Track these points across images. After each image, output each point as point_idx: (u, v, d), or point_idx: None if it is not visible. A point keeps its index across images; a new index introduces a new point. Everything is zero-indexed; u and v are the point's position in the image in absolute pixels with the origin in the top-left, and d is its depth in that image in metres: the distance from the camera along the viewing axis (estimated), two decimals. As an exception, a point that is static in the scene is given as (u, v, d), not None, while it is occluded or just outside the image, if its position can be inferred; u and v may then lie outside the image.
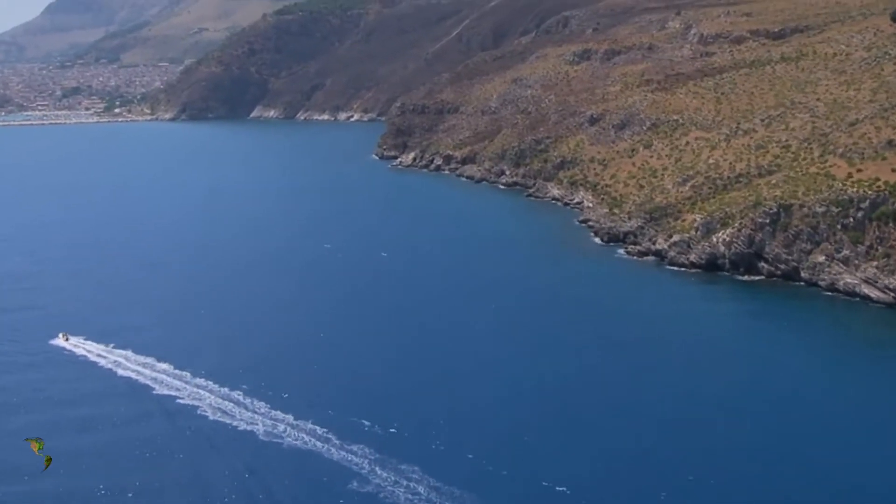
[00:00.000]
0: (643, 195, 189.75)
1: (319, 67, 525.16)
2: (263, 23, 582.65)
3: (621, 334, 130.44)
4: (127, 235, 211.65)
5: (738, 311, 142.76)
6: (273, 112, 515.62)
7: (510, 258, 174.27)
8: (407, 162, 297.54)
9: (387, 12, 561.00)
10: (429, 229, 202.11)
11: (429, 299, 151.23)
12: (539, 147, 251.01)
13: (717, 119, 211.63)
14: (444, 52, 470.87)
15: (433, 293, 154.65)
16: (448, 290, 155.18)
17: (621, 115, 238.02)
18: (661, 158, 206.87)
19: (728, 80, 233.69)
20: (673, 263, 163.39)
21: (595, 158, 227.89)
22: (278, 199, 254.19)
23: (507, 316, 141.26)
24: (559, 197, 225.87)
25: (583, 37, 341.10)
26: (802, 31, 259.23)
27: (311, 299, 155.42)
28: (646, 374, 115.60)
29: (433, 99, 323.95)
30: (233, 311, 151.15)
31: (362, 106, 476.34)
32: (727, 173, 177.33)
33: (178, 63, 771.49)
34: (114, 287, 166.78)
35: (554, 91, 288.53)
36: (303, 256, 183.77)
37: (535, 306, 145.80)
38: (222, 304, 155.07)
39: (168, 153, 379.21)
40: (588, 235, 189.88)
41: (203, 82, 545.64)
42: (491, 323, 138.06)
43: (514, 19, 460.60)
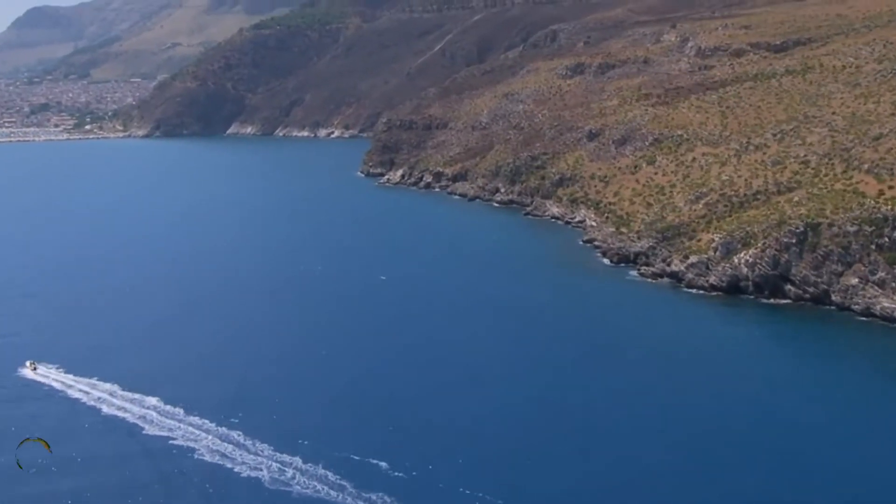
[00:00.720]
0: (652, 213, 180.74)
1: (298, 83, 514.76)
2: (240, 37, 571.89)
3: (643, 360, 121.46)
4: (101, 257, 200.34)
5: (766, 336, 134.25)
6: (250, 128, 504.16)
7: (516, 280, 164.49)
8: (395, 179, 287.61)
9: (367, 27, 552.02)
10: (427, 250, 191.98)
11: (436, 325, 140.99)
12: (535, 163, 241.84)
13: (725, 134, 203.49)
14: (427, 66, 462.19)
15: (439, 318, 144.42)
16: (455, 317, 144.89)
17: (621, 130, 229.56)
18: (667, 175, 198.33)
19: (732, 93, 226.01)
20: (691, 286, 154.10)
21: (596, 175, 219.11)
22: (262, 219, 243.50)
23: (520, 342, 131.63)
24: (559, 215, 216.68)
25: (574, 50, 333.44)
26: (805, 44, 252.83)
27: (307, 325, 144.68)
28: (669, 401, 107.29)
29: (421, 114, 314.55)
30: (219, 336, 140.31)
31: (343, 122, 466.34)
32: (743, 190, 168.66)
33: (150, 79, 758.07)
34: (85, 312, 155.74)
35: (547, 106, 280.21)
36: (294, 279, 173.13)
37: (548, 332, 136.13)
38: (206, 330, 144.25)
39: (143, 171, 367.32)
40: (595, 256, 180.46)
41: (178, 98, 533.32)
42: (505, 351, 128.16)
43: (499, 34, 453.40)
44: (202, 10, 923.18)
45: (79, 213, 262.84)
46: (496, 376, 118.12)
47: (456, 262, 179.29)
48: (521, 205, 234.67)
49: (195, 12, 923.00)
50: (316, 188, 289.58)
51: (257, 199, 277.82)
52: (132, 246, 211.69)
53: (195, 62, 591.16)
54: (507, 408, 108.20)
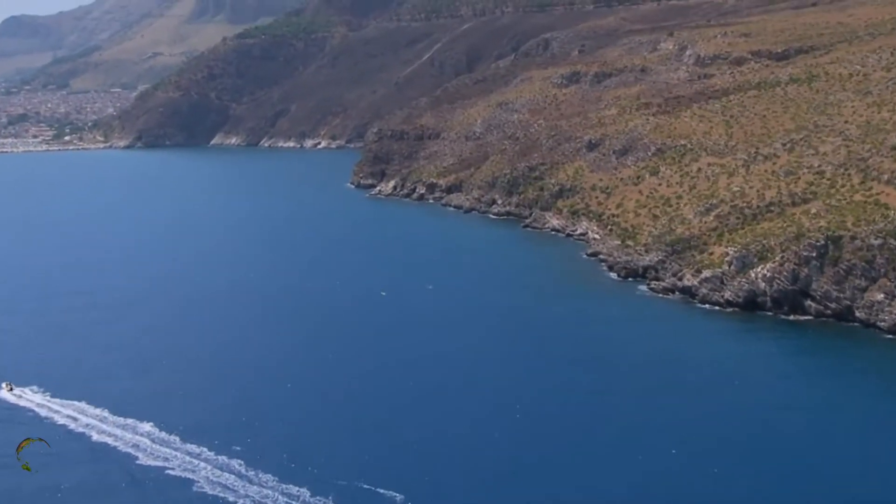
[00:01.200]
0: (660, 226, 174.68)
1: (283, 93, 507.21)
2: (224, 46, 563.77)
3: (659, 379, 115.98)
4: (83, 271, 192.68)
5: (787, 353, 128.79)
6: (235, 139, 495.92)
7: (522, 296, 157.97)
8: (387, 191, 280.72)
9: (353, 36, 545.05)
10: (426, 264, 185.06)
11: (442, 343, 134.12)
12: (533, 174, 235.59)
13: (731, 144, 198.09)
14: (416, 76, 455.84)
15: (445, 336, 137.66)
16: (462, 335, 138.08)
17: (622, 140, 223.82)
18: (672, 186, 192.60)
19: (736, 102, 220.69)
20: (705, 301, 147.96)
21: (597, 186, 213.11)
22: (252, 232, 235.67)
23: (532, 361, 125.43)
24: (560, 228, 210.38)
25: (569, 59, 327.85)
26: (807, 52, 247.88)
27: (307, 343, 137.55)
28: (689, 422, 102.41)
29: (412, 124, 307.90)
30: (214, 355, 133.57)
31: (330, 132, 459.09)
32: (756, 202, 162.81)
33: (131, 89, 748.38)
34: (66, 329, 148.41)
35: (542, 115, 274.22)
36: (290, 295, 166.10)
37: (560, 350, 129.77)
38: (200, 348, 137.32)
39: (126, 182, 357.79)
40: (601, 270, 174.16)
41: (160, 108, 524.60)
42: (516, 371, 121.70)
43: (489, 43, 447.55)
44: (184, 19, 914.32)
45: (58, 226, 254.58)
46: (507, 397, 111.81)
47: (458, 277, 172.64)
48: (518, 217, 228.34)
49: (177, 21, 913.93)
50: (306, 200, 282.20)
51: (246, 211, 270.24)
52: (117, 260, 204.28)
53: (178, 72, 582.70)
54: (520, 431, 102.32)
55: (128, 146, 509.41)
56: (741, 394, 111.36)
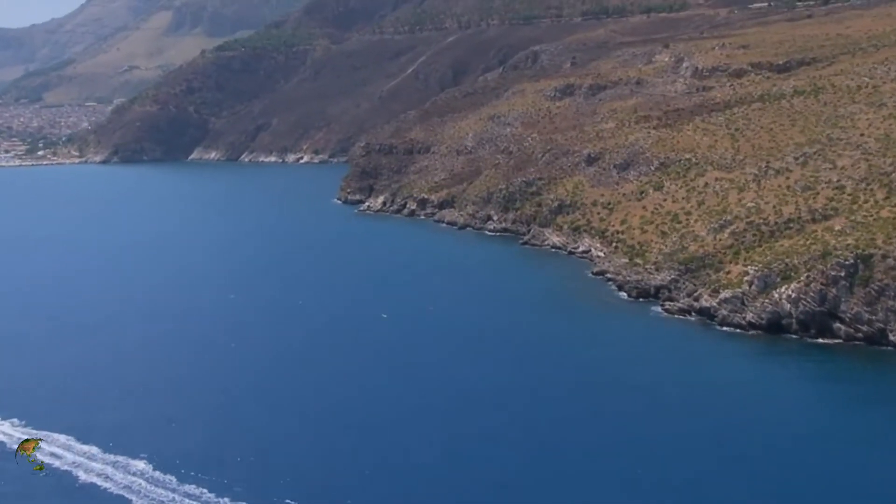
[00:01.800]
0: (670, 243, 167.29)
1: (264, 106, 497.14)
2: (202, 59, 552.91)
3: (681, 407, 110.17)
4: (58, 291, 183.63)
5: (815, 380, 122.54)
6: (214, 154, 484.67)
7: (530, 318, 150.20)
8: (376, 206, 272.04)
9: (335, 48, 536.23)
10: (425, 284, 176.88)
11: (451, 369, 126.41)
12: (530, 189, 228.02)
13: (738, 158, 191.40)
14: (400, 89, 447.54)
15: (453, 361, 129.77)
16: (472, 361, 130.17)
17: (623, 153, 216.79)
18: (678, 201, 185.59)
19: (740, 115, 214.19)
20: (725, 323, 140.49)
21: (598, 202, 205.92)
22: (239, 251, 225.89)
23: (546, 388, 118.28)
24: (560, 245, 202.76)
25: (561, 71, 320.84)
26: (809, 64, 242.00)
27: (310, 370, 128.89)
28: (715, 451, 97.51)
29: (401, 138, 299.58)
30: (208, 382, 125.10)
31: (313, 147, 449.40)
32: (773, 218, 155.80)
33: (106, 102, 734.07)
34: (43, 353, 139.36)
35: (536, 129, 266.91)
36: (286, 317, 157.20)
37: (575, 376, 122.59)
38: (191, 375, 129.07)
39: (101, 198, 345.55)
40: (610, 289, 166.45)
41: (137, 122, 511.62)
42: (531, 398, 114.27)
43: (474, 56, 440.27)
44: (160, 32, 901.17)
45: (30, 245, 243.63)
46: (523, 426, 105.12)
47: (459, 298, 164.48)
48: (516, 233, 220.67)
49: (153, 34, 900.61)
50: (292, 216, 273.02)
51: (229, 228, 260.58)
52: (97, 279, 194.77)
53: (155, 85, 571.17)
54: (537, 463, 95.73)
55: (104, 161, 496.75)
56: (769, 422, 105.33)
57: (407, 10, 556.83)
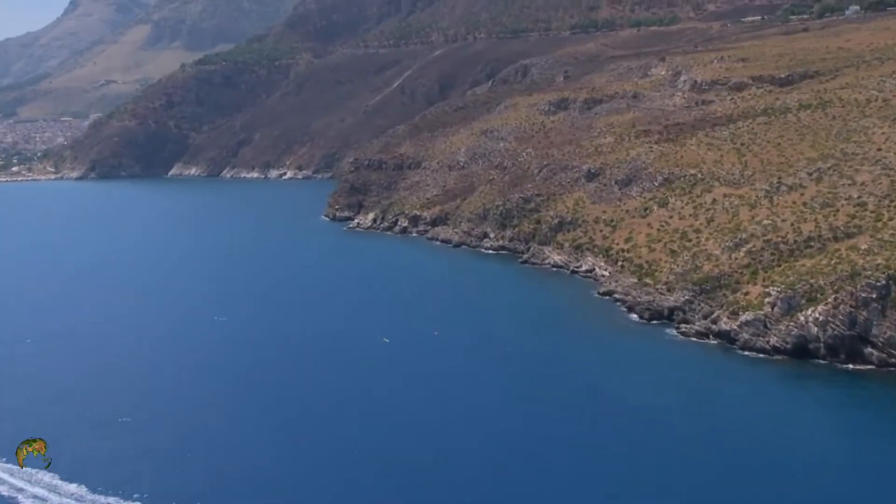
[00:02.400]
0: (682, 262, 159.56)
1: (246, 121, 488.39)
2: (182, 73, 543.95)
3: (706, 437, 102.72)
4: (27, 314, 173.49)
5: (847, 408, 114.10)
6: (195, 169, 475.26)
7: (539, 342, 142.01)
8: (366, 224, 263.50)
9: (319, 62, 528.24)
10: (425, 305, 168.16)
11: (462, 398, 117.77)
12: (528, 206, 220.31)
13: (746, 173, 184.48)
14: (386, 104, 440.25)
15: (464, 390, 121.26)
16: (482, 390, 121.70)
17: (625, 169, 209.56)
18: (685, 218, 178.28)
19: (745, 129, 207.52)
20: (747, 348, 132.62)
21: (600, 219, 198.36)
22: (227, 271, 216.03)
23: (562, 420, 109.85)
24: (562, 263, 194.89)
25: (554, 85, 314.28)
26: (812, 77, 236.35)
27: (309, 399, 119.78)
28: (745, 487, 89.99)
29: (390, 153, 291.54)
30: (198, 409, 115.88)
31: (296, 162, 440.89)
32: (791, 236, 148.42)
33: (82, 117, 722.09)
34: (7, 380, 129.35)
35: (531, 143, 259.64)
36: (281, 341, 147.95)
37: (591, 404, 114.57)
38: (179, 404, 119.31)
39: (77, 215, 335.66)
40: (620, 311, 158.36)
41: (115, 137, 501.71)
42: (548, 431, 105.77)
43: (461, 69, 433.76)
44: (138, 45, 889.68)
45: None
46: (541, 459, 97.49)
47: (463, 321, 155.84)
48: (513, 252, 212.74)
49: (131, 48, 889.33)
50: (279, 234, 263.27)
51: (214, 247, 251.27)
52: (73, 302, 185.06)
53: (133, 99, 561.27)
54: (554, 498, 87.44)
55: (80, 177, 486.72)
56: (799, 451, 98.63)
57: (392, 24, 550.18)
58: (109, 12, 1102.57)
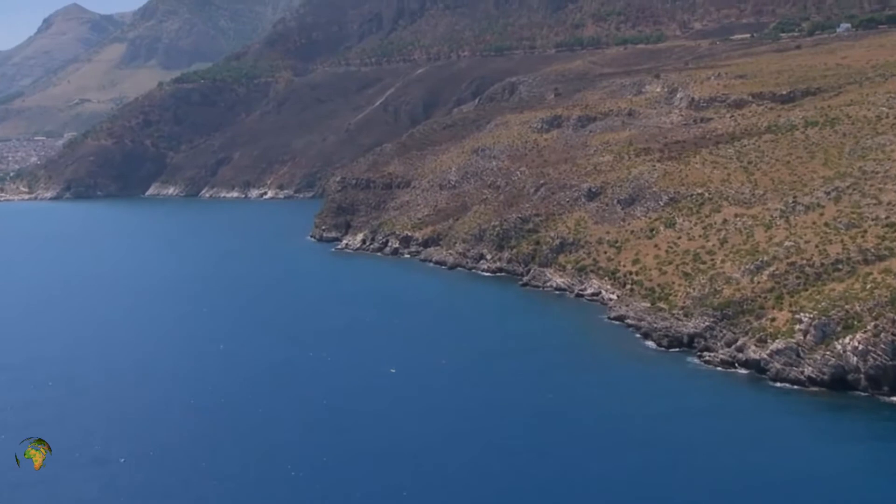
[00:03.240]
0: (699, 286, 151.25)
1: (225, 140, 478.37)
2: (160, 92, 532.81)
3: (748, 482, 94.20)
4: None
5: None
6: (173, 189, 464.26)
7: (555, 372, 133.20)
8: (355, 244, 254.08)
9: (299, 81, 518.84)
10: (428, 332, 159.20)
11: (482, 438, 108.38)
12: (526, 226, 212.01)
13: (757, 192, 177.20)
14: (369, 122, 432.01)
15: (483, 428, 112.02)
16: (502, 427, 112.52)
17: (627, 188, 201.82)
18: (695, 239, 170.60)
19: (751, 147, 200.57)
20: (779, 378, 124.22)
21: (604, 240, 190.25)
22: (209, 295, 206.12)
23: (594, 462, 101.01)
24: (565, 286, 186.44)
25: (545, 102, 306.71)
26: (814, 94, 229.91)
27: (318, 441, 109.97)
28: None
29: (379, 172, 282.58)
30: (191, 455, 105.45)
31: (277, 182, 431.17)
32: (817, 259, 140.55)
33: (56, 136, 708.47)
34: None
35: (524, 162, 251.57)
36: (280, 371, 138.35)
37: (621, 442, 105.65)
38: (172, 445, 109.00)
39: (52, 237, 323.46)
40: (635, 338, 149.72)
41: (91, 157, 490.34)
42: (583, 477, 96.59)
43: (446, 87, 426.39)
44: (113, 64, 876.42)
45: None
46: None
47: (470, 348, 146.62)
48: (512, 274, 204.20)
49: (106, 67, 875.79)
50: (265, 256, 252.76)
51: (197, 270, 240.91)
52: (37, 330, 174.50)
53: (110, 118, 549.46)
54: None
55: (55, 197, 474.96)
56: (848, 494, 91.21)
57: (373, 42, 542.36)
58: (84, 31, 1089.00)
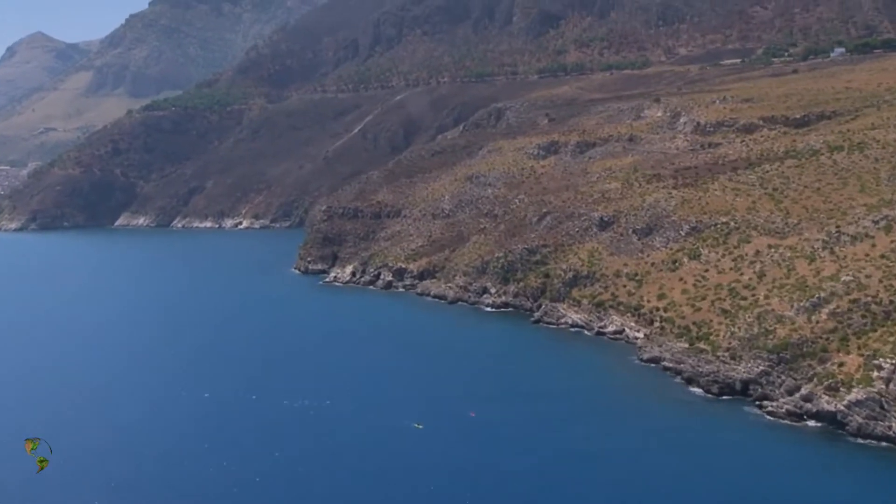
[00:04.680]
0: (744, 324, 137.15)
1: (198, 168, 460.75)
2: (129, 119, 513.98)
3: None
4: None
5: None
6: (143, 219, 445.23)
7: (599, 426, 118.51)
8: (344, 277, 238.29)
9: (273, 108, 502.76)
10: (443, 378, 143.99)
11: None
12: (533, 258, 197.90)
13: (791, 221, 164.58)
14: (347, 150, 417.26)
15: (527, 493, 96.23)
16: (555, 492, 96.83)
17: (643, 217, 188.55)
18: (726, 273, 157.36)
19: (774, 173, 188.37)
20: (862, 434, 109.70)
21: (622, 272, 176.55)
22: (190, 336, 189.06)
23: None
24: (582, 323, 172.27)
25: (538, 128, 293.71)
26: (830, 118, 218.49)
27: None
28: None
29: (367, 200, 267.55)
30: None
31: (252, 211, 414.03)
32: (884, 296, 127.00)
33: (20, 166, 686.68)
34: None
35: (522, 189, 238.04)
36: (290, 421, 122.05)
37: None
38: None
39: (13, 271, 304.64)
40: (675, 383, 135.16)
41: (58, 187, 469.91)
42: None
43: (426, 114, 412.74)
44: (80, 92, 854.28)
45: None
46: None
47: (499, 397, 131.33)
48: (520, 309, 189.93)
49: (71, 95, 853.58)
50: (250, 291, 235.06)
51: (175, 308, 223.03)
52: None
53: (77, 147, 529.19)
54: None
55: (19, 229, 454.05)
56: None
57: (350, 68, 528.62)
58: (48, 59, 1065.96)
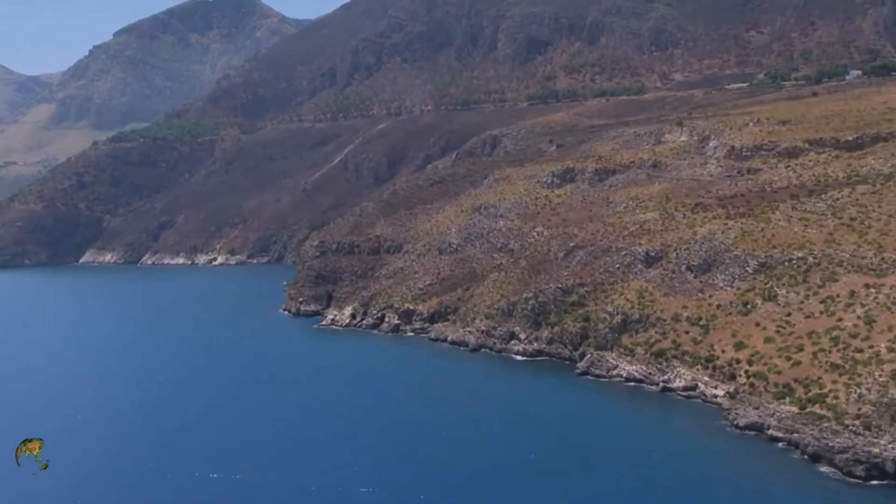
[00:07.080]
0: (873, 385, 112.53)
1: (168, 202, 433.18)
2: (95, 151, 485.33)
3: None
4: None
5: None
6: (110, 256, 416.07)
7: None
8: (343, 320, 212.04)
9: (248, 138, 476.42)
10: (488, 450, 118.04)
11: None
12: (569, 299, 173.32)
13: (887, 256, 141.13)
14: (327, 181, 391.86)
15: None
16: None
17: (699, 251, 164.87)
18: (816, 317, 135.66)
19: (848, 201, 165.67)
20: None
21: (681, 316, 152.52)
22: (178, 393, 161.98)
23: None
24: (640, 376, 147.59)
25: (546, 155, 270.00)
26: (886, 140, 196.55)
27: None
28: None
29: (363, 234, 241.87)
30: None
31: (227, 246, 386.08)
32: None
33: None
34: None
35: (538, 221, 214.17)
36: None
37: None
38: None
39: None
40: (793, 459, 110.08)
41: (18, 222, 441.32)
42: None
43: (411, 143, 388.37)
44: (41, 125, 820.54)
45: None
46: None
47: (573, 482, 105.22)
48: (556, 357, 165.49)
49: (32, 128, 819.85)
50: (238, 337, 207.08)
51: (156, 358, 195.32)
52: None
53: (39, 181, 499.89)
54: None
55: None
56: None
57: (327, 97, 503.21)
58: (9, 92, 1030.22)
